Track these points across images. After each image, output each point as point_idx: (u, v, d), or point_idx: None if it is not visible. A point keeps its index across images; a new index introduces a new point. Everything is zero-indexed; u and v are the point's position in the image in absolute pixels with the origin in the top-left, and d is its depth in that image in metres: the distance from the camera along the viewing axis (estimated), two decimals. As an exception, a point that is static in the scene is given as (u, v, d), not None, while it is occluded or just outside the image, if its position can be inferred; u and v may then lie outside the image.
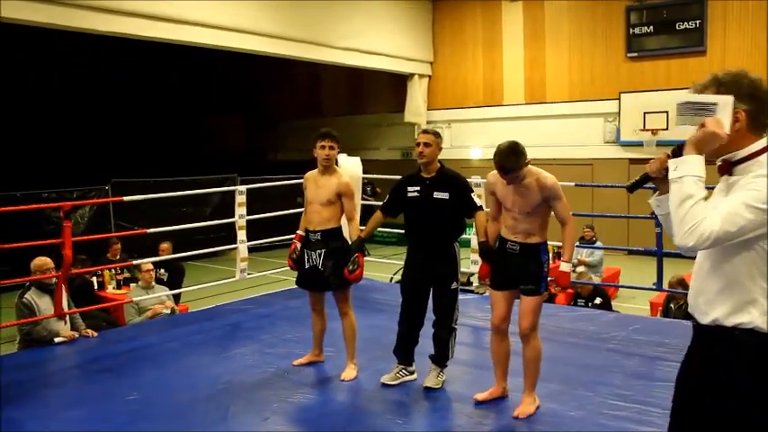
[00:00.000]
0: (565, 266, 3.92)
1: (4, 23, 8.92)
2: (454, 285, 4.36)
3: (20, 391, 4.35)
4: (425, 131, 4.43)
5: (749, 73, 2.03)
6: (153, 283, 7.11)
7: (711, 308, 2.04)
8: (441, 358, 4.43)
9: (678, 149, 2.07)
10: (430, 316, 4.48)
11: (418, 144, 4.32)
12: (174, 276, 8.46)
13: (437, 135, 4.39)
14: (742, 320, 1.97)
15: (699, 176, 1.94)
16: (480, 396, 4.14)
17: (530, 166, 3.81)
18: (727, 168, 2.05)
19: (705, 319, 2.07)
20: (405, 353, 4.53)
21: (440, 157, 4.40)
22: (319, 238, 4.51)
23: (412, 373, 4.56)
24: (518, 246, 3.89)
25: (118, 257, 8.81)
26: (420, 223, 4.38)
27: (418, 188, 4.35)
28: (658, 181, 2.19)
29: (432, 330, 4.44)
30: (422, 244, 4.40)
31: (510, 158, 3.70)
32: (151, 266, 7.13)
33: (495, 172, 3.91)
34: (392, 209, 4.56)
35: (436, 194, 4.27)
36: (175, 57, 16.99)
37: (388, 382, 4.47)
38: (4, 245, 5.69)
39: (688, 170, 1.95)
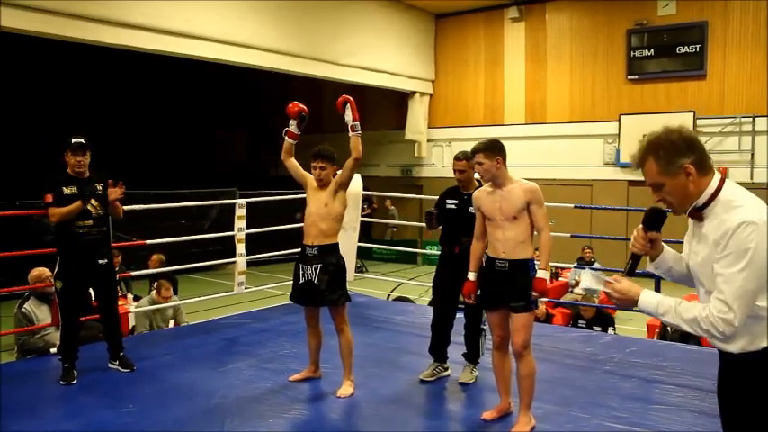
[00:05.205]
0: (542, 273, 3.89)
1: (5, 33, 8.97)
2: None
3: (15, 403, 4.33)
4: (457, 158, 4.75)
5: (671, 127, 2.17)
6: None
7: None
8: (472, 356, 4.83)
9: (647, 219, 2.29)
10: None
11: (454, 171, 4.75)
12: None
13: (469, 158, 4.57)
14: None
15: (661, 307, 2.16)
16: (488, 415, 4.13)
17: (512, 174, 3.99)
18: (696, 215, 2.19)
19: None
20: (439, 351, 4.88)
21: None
22: (316, 252, 4.50)
23: (446, 369, 4.93)
24: (507, 263, 3.91)
25: (117, 269, 8.76)
26: (454, 233, 4.75)
27: (456, 201, 4.78)
28: (646, 253, 2.35)
29: (462, 331, 4.86)
30: (454, 253, 4.70)
31: (482, 144, 3.96)
32: (171, 291, 7.12)
33: (480, 188, 4.13)
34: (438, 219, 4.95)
35: (471, 210, 4.49)
36: (180, 69, 17.07)
37: (427, 379, 4.80)
38: (1, 253, 5.70)
39: (655, 311, 2.18)
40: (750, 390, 2.12)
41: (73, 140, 4.82)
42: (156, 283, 7.26)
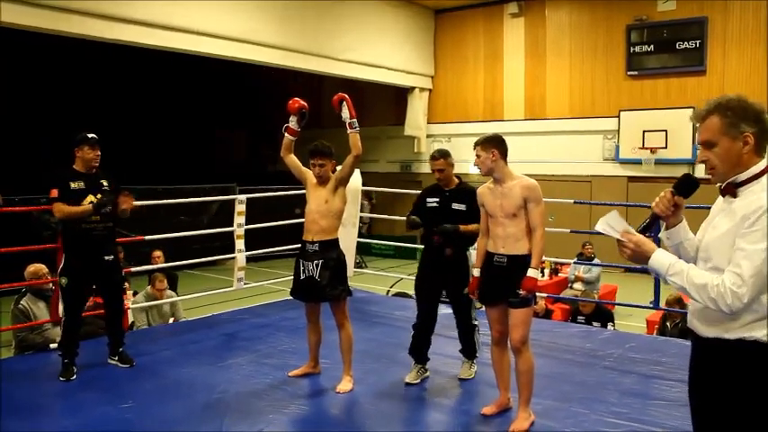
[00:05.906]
0: (532, 272, 3.86)
1: (5, 29, 8.94)
2: (467, 290, 4.51)
3: (15, 399, 4.33)
4: (434, 158, 4.70)
5: (745, 97, 2.15)
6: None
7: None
8: (469, 352, 4.85)
9: (678, 184, 2.24)
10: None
11: (433, 171, 4.68)
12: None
13: (446, 156, 4.68)
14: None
15: (672, 268, 2.12)
16: (487, 410, 4.14)
17: (513, 171, 3.98)
18: (731, 190, 2.16)
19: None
20: (420, 353, 4.80)
21: None
22: (317, 248, 4.50)
23: (426, 371, 4.85)
24: (505, 258, 3.91)
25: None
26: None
27: (437, 199, 4.71)
28: (666, 217, 2.31)
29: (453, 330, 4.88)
30: (437, 250, 4.65)
31: (481, 138, 3.99)
32: (165, 284, 7.11)
33: (484, 185, 4.11)
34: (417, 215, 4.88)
35: (454, 206, 4.60)
36: (179, 68, 17.05)
37: (412, 382, 4.72)
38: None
39: (665, 270, 2.13)
40: (723, 378, 2.14)
41: (89, 135, 4.82)
42: (150, 277, 7.26)
